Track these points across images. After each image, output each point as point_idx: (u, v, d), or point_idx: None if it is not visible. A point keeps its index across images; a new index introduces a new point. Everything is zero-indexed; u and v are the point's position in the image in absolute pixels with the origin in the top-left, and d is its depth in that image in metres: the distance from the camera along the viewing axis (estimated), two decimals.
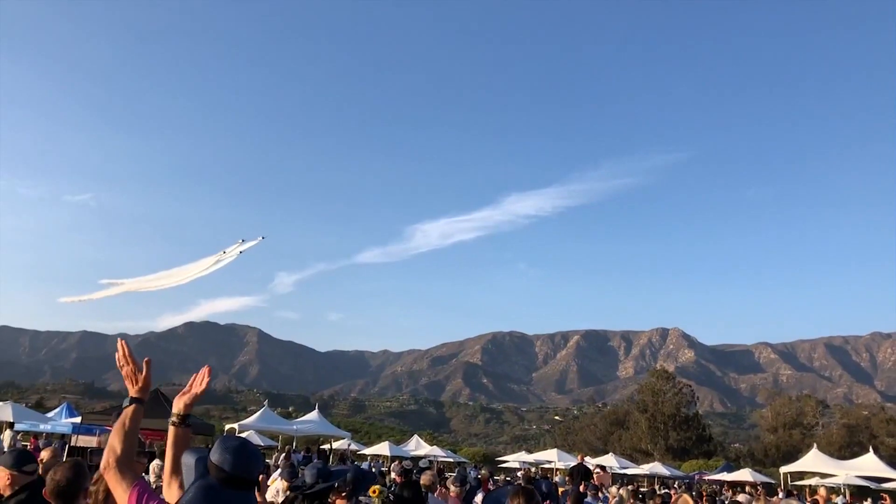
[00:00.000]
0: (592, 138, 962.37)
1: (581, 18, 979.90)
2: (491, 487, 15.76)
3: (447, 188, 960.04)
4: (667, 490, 34.16)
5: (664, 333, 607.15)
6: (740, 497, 24.62)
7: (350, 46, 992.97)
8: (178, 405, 3.19)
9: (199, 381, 3.18)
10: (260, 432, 40.15)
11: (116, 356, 3.29)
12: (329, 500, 5.09)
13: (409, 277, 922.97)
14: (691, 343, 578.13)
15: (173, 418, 3.20)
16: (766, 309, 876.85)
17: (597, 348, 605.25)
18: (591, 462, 28.83)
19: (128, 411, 3.13)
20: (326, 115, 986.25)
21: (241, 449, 2.64)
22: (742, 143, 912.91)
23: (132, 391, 3.22)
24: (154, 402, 24.12)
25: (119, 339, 3.44)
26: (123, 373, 3.29)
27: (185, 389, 3.20)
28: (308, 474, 5.13)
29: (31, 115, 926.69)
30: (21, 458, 5.04)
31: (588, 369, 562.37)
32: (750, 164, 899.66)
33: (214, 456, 2.61)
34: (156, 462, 14.86)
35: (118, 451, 2.97)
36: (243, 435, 31.53)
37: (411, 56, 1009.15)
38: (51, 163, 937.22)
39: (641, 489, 34.46)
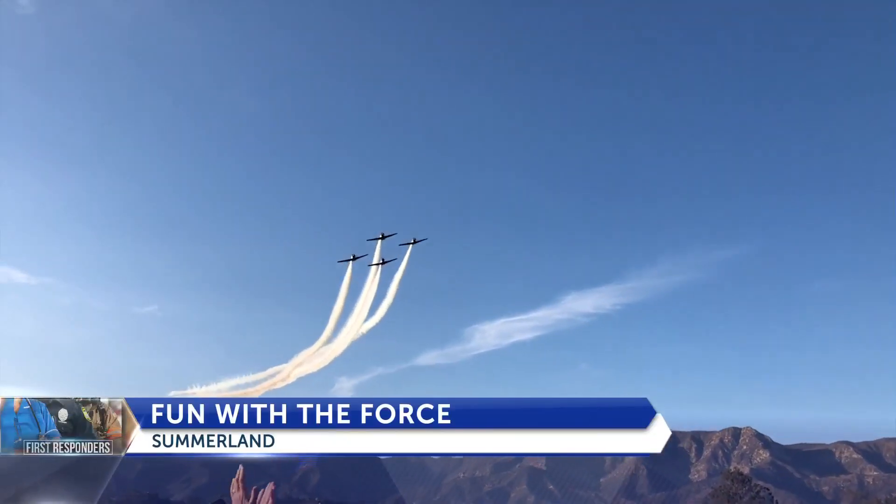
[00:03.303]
0: (648, 234, 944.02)
1: (631, 115, 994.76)
2: None
3: (504, 288, 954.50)
4: None
5: (736, 433, 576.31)
6: None
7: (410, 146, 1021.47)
8: None
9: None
10: None
11: (233, 480, 3.61)
12: None
13: (468, 379, 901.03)
14: (766, 443, 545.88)
15: None
16: (844, 405, 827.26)
17: (667, 450, 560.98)
18: None
19: None
20: (379, 224, 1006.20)
21: None
22: (805, 236, 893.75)
23: None
24: None
25: (240, 465, 3.75)
26: (233, 498, 3.59)
27: None
28: None
29: (98, 228, 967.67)
30: None
31: (658, 472, 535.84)
32: (814, 257, 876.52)
33: None
34: None
35: None
36: None
37: (468, 160, 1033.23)
38: (119, 275, 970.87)
39: None
